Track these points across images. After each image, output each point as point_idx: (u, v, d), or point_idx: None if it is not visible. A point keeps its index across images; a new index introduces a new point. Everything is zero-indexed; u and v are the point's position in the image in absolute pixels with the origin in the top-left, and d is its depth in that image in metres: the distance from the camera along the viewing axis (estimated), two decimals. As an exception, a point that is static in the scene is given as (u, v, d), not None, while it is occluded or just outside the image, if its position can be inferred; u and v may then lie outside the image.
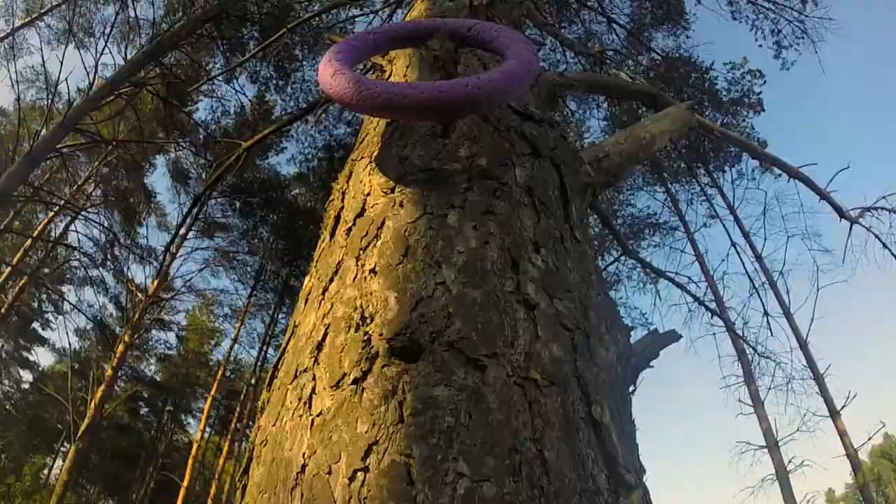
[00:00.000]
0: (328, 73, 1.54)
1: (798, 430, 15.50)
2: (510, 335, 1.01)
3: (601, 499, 0.84)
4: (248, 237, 23.65)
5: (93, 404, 18.63)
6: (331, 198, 1.67)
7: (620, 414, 1.07)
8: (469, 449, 0.82)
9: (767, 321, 15.24)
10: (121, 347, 18.75)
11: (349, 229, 1.36)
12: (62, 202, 15.75)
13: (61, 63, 12.36)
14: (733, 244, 16.79)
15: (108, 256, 21.40)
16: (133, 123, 17.34)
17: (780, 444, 15.36)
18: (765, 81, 18.44)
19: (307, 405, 0.99)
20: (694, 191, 20.05)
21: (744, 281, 16.19)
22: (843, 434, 14.91)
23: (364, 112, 1.65)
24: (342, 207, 1.51)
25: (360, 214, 1.38)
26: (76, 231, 20.58)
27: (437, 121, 1.52)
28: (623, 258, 19.32)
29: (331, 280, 1.22)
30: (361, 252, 1.24)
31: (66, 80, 23.84)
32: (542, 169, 1.55)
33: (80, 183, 19.77)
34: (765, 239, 16.90)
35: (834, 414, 15.00)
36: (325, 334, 1.08)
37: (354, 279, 1.17)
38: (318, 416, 0.95)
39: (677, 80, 16.95)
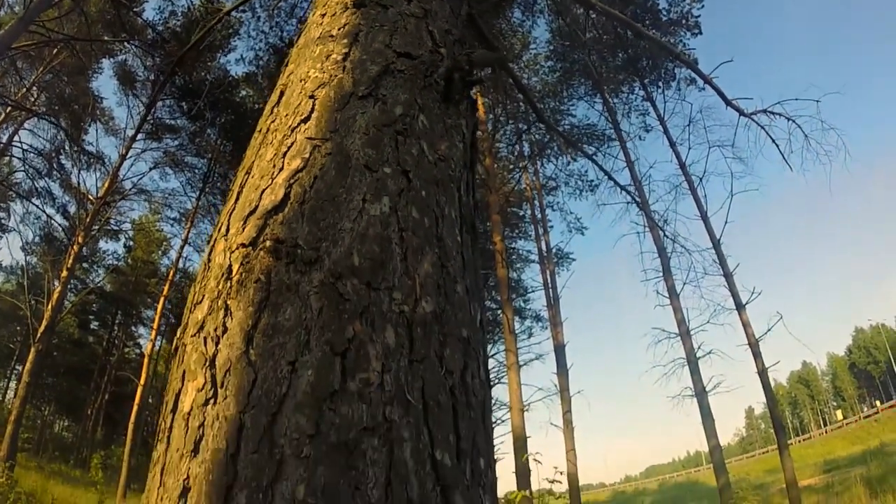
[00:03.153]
0: None
1: (709, 321, 17.27)
2: (393, 28, 2.09)
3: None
4: (196, 139, 24.03)
5: (49, 306, 19.13)
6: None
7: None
8: (369, 32, 2.00)
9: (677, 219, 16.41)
10: (75, 248, 19.14)
11: (324, 15, 2.37)
12: (13, 103, 15.87)
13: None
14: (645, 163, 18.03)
15: (55, 165, 21.46)
16: (80, 26, 17.31)
17: (691, 332, 17.17)
18: (703, 5, 19.40)
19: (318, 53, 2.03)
20: (631, 103, 21.26)
21: (669, 188, 17.65)
22: (746, 325, 16.57)
23: None
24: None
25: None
26: (20, 142, 20.47)
27: None
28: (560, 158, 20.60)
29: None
30: (334, 17, 2.26)
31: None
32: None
33: (27, 87, 19.69)
34: (689, 149, 18.33)
35: (740, 307, 16.64)
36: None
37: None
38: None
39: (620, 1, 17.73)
